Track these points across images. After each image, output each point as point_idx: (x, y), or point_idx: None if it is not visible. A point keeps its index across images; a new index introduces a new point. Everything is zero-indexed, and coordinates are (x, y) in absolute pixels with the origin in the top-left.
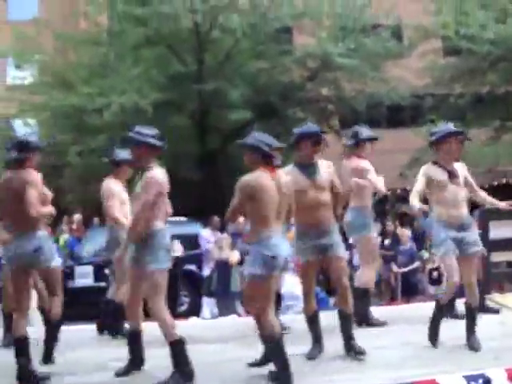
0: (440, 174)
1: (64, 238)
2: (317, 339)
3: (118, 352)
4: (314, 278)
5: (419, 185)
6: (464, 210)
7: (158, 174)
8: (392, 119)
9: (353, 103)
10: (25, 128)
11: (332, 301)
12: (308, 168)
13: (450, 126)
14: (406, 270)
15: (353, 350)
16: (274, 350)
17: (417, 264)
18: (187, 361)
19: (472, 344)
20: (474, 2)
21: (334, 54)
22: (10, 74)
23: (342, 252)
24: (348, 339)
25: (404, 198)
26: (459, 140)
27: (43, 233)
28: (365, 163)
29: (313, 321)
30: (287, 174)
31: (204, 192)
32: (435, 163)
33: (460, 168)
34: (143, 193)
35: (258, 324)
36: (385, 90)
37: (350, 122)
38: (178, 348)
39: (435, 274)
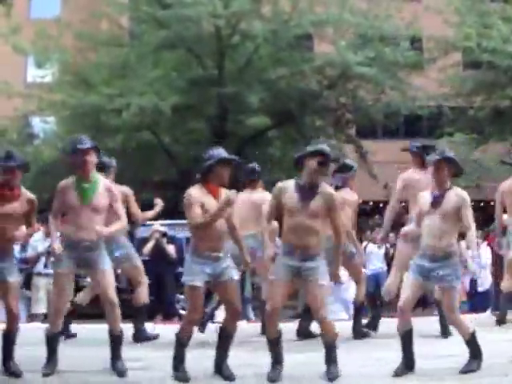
0: (425, 201)
1: None
2: None
3: (132, 352)
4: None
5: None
6: (444, 242)
7: None
8: (409, 130)
9: (370, 112)
10: (42, 125)
11: None
12: (304, 190)
13: (442, 150)
14: None
15: None
16: None
17: None
18: None
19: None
20: (497, 15)
21: (353, 62)
22: (30, 72)
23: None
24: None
25: None
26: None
27: None
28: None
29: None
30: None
31: None
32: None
33: (456, 197)
34: None
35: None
36: (402, 100)
37: (367, 132)
38: None
39: None
